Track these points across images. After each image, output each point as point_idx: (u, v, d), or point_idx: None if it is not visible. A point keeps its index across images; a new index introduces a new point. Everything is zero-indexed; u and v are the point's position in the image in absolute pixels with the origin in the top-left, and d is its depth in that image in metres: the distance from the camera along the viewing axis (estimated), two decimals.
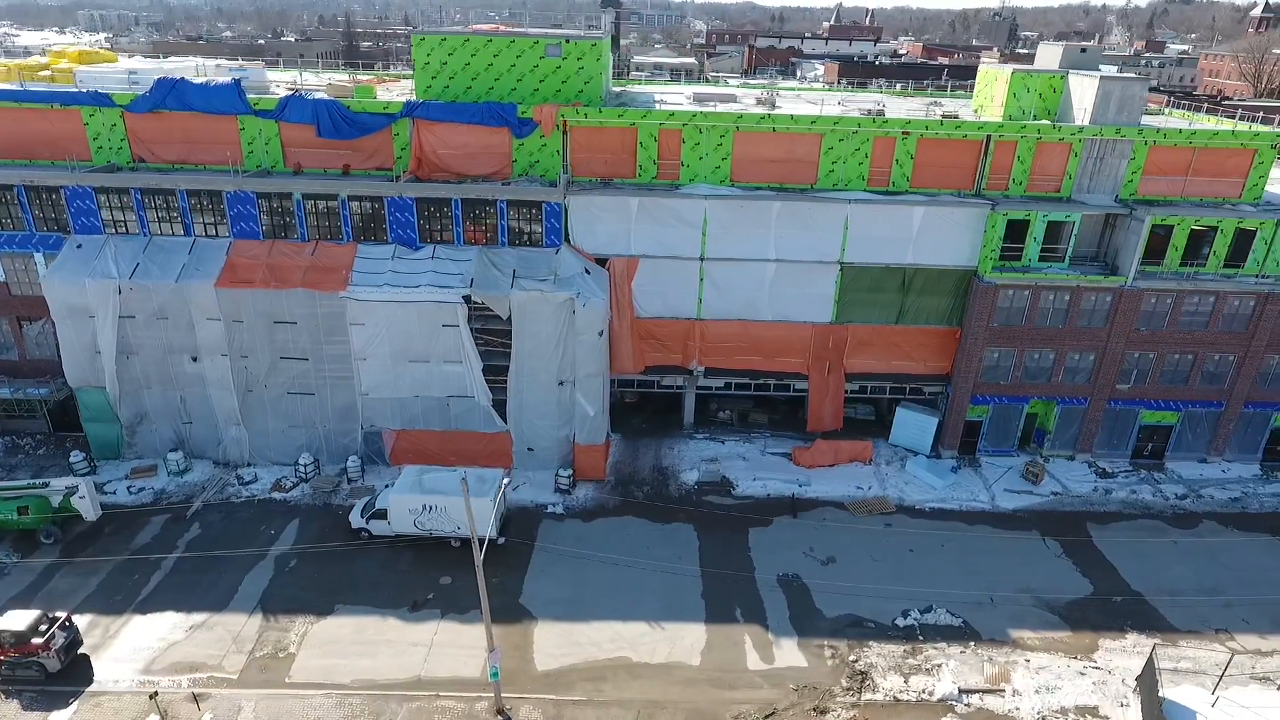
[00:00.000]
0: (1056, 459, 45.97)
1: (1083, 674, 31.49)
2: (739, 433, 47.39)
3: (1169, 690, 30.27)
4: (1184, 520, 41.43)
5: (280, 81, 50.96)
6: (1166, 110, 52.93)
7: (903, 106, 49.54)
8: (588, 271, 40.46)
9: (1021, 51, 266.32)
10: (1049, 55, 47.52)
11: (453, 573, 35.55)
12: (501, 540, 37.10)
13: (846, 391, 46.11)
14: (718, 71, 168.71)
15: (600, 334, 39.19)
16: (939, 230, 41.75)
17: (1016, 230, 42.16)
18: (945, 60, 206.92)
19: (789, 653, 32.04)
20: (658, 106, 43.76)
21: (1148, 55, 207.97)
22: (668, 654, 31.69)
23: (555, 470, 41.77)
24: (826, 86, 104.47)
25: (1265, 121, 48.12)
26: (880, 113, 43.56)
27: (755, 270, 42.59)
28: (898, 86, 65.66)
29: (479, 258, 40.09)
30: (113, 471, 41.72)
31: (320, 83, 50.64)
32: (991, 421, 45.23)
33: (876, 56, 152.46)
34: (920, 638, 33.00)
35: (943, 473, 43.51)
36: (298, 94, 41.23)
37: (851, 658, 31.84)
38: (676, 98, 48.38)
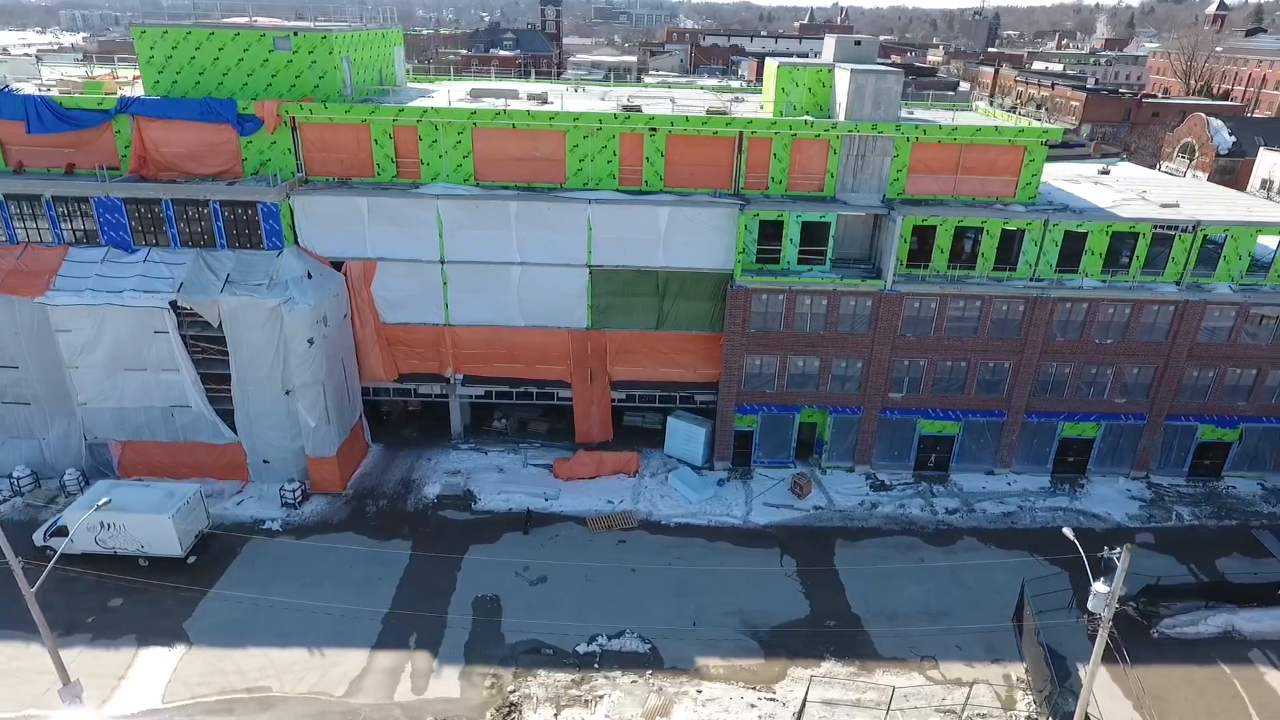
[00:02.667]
0: (835, 470, 43.90)
1: (754, 706, 29.47)
2: (510, 443, 45.42)
3: None
4: (943, 537, 39.35)
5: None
6: (980, 106, 50.69)
7: (704, 101, 47.32)
8: (310, 275, 38.54)
9: (991, 51, 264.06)
10: (830, 48, 45.42)
11: (128, 594, 33.63)
12: (191, 559, 35.22)
13: (614, 400, 44.15)
14: (657, 69, 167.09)
15: (310, 342, 37.18)
16: (688, 232, 39.71)
17: (776, 232, 40.15)
18: (896, 58, 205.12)
19: (446, 683, 30.07)
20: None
21: (1103, 53, 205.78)
22: (313, 684, 29.74)
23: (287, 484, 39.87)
24: (745, 85, 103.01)
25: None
26: (636, 109, 41.52)
27: (500, 273, 40.61)
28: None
29: (194, 261, 38.17)
30: None
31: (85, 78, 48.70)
32: (763, 432, 43.15)
33: (807, 54, 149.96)
34: (596, 666, 30.99)
35: (702, 486, 41.49)
36: (5, 89, 39.41)
37: (510, 688, 29.85)
38: (455, 94, 46.37)
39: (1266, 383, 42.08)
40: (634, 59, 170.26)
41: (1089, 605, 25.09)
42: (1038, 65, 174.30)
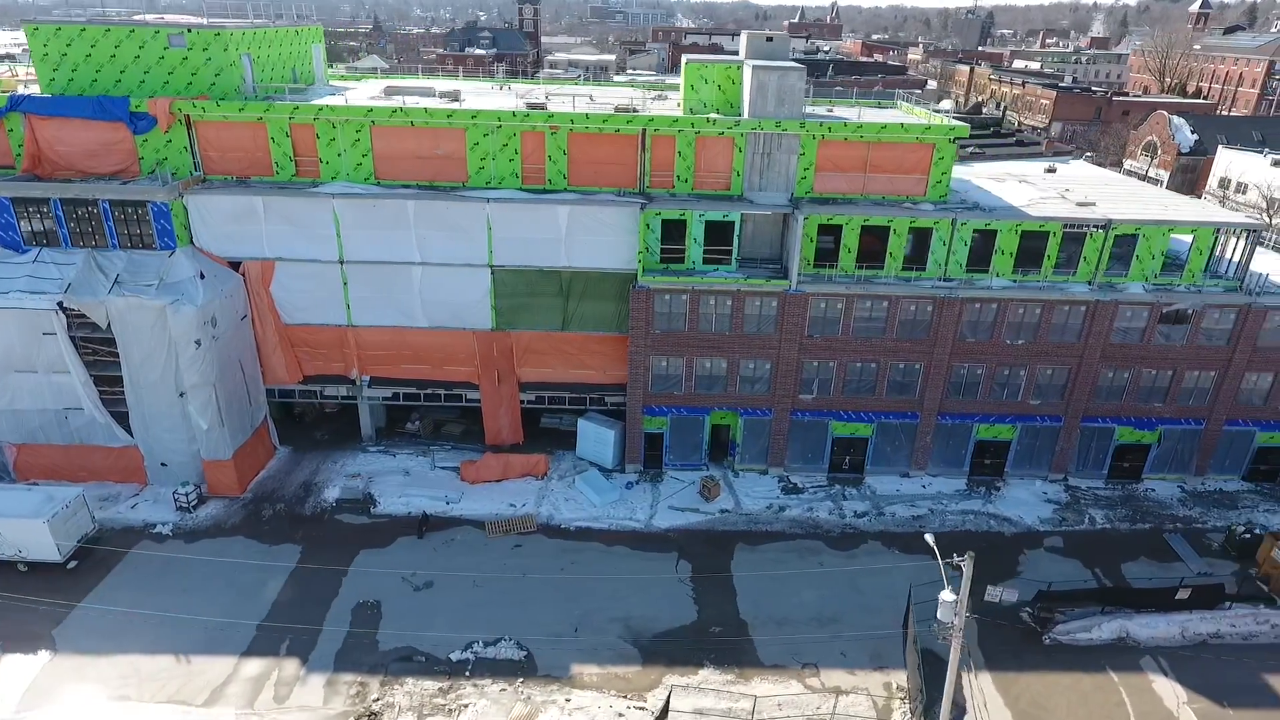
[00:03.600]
0: (748, 473, 43.25)
1: (621, 715, 28.85)
2: (422, 445, 44.81)
3: None
4: (848, 540, 38.70)
5: None
6: (903, 104, 49.99)
7: (621, 98, 46.52)
8: (202, 275, 37.93)
9: (971, 50, 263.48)
10: (743, 44, 44.78)
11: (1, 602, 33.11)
12: (72, 565, 34.64)
13: (524, 402, 43.56)
14: (634, 68, 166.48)
15: (197, 343, 36.56)
16: (590, 231, 39.10)
17: (681, 231, 39.50)
18: (880, 57, 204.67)
19: (311, 691, 29.48)
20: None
21: (1087, 51, 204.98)
22: (173, 693, 29.16)
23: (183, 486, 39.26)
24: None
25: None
26: (540, 106, 40.91)
27: (401, 273, 40.01)
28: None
29: (85, 262, 37.58)
30: None
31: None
32: (673, 434, 42.51)
33: None
34: (468, 674, 30.40)
35: (608, 489, 40.88)
36: None
37: (375, 696, 29.27)
38: (371, 91, 45.80)
39: (1183, 384, 41.44)
40: (612, 58, 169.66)
41: (939, 614, 24.46)
42: (1019, 64, 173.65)
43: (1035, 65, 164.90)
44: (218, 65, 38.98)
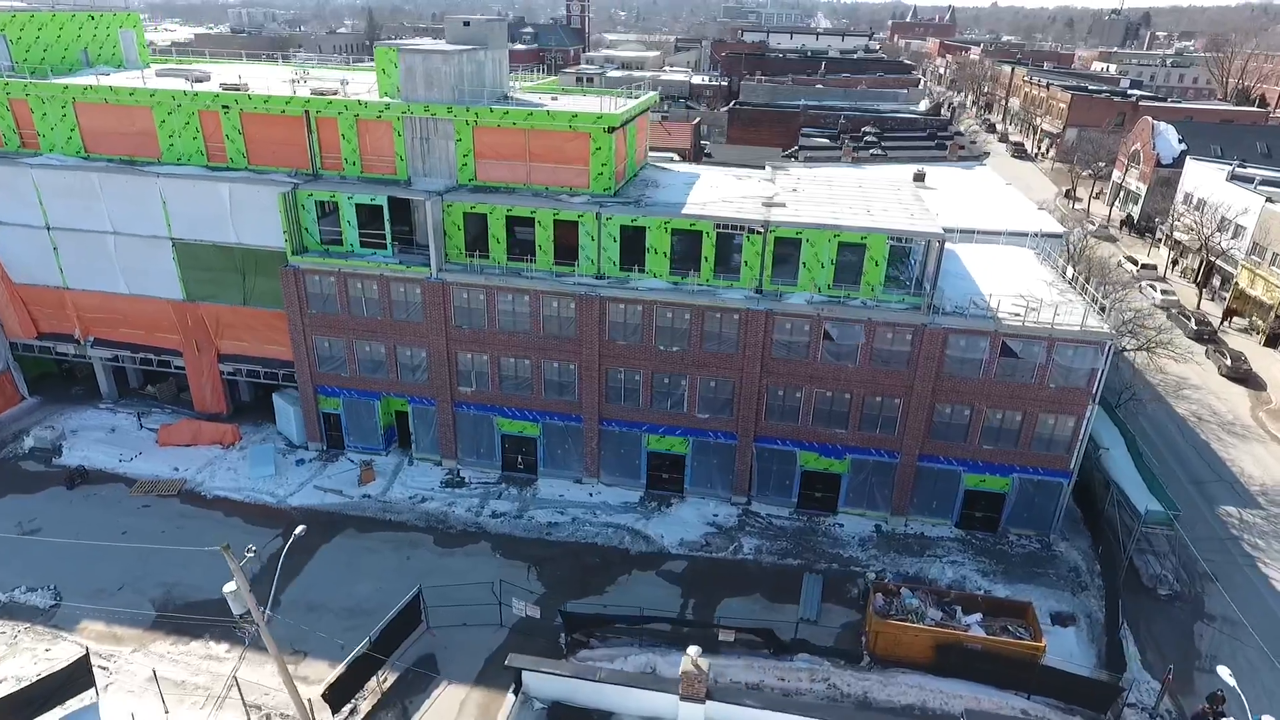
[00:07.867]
0: (424, 463, 42.69)
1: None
2: (153, 405, 47.34)
3: None
4: (460, 539, 37.50)
5: None
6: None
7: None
8: None
9: (1058, 50, 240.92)
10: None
11: None
12: None
13: (224, 373, 45.01)
14: (673, 65, 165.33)
15: None
16: (251, 210, 39.89)
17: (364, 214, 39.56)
18: (950, 56, 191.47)
19: None
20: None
21: (1195, 54, 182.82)
22: None
23: None
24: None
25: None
26: (239, 88, 42.04)
27: (98, 241, 42.49)
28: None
29: None
30: None
31: None
32: (348, 415, 42.62)
33: (772, 51, 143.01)
34: None
35: (265, 463, 41.65)
36: None
37: None
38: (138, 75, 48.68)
39: (865, 410, 37.05)
40: (654, 54, 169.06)
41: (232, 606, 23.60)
42: (1097, 66, 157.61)
43: (1114, 68, 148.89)
44: None
